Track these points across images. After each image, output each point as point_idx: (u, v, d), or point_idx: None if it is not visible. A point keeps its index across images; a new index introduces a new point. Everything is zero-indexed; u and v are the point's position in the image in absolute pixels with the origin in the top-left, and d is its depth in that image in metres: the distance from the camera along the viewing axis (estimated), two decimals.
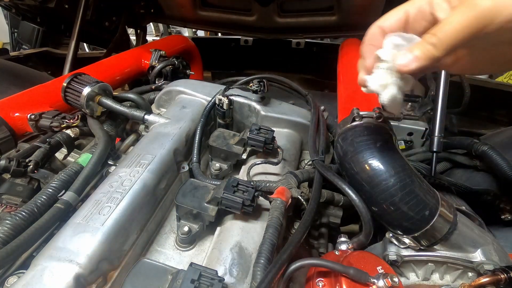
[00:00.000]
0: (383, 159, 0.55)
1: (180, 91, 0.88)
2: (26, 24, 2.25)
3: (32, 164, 0.67)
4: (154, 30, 4.67)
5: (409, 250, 0.58)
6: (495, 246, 0.58)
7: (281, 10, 1.75)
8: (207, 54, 1.81)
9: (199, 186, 0.60)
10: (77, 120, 0.77)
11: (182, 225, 0.57)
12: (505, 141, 1.14)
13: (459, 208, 0.62)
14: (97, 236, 0.48)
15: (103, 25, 1.87)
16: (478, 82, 1.62)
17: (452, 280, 0.59)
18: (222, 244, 0.54)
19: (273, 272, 0.44)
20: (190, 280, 0.43)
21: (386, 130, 0.61)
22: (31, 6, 1.63)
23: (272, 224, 0.53)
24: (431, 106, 1.28)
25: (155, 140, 0.69)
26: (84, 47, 3.29)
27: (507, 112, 1.58)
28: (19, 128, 0.81)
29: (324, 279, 0.50)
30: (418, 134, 1.29)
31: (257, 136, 0.67)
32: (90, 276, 0.45)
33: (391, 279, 0.45)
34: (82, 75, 0.77)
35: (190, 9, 1.83)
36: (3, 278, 0.48)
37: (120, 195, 0.54)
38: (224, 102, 0.76)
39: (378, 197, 0.54)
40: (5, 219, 0.52)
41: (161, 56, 1.28)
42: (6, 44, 3.03)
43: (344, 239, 0.62)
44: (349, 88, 0.88)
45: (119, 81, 1.23)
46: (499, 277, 0.51)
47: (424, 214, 0.53)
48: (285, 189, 0.59)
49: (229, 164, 0.71)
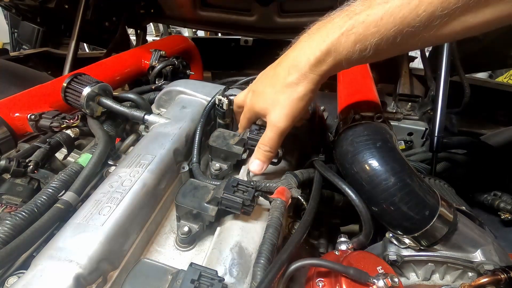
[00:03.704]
0: (383, 159, 0.55)
1: (180, 91, 0.88)
2: (26, 24, 2.25)
3: (32, 164, 0.67)
4: (154, 30, 4.67)
5: (409, 250, 0.58)
6: (495, 246, 0.58)
7: (281, 10, 1.75)
8: (207, 54, 1.81)
9: (199, 186, 0.60)
10: (77, 120, 0.77)
11: (182, 225, 0.57)
12: (505, 141, 1.14)
13: (459, 208, 0.62)
14: (97, 236, 0.48)
15: (103, 25, 1.86)
16: (478, 82, 1.63)
17: (452, 280, 0.59)
18: (222, 244, 0.54)
19: (273, 272, 0.44)
20: (190, 280, 0.43)
21: (386, 130, 0.61)
22: (31, 6, 1.63)
23: (272, 224, 0.53)
24: (431, 106, 1.29)
25: (155, 140, 0.69)
26: (84, 47, 3.29)
27: (507, 112, 1.58)
28: (19, 128, 0.81)
29: (324, 279, 0.50)
30: (418, 134, 1.29)
31: (257, 136, 0.67)
32: (90, 276, 0.45)
33: (391, 279, 0.45)
34: (82, 75, 0.77)
35: (190, 9, 1.83)
36: (3, 278, 0.48)
37: (120, 195, 0.54)
38: (224, 102, 0.76)
39: (378, 197, 0.54)
40: (5, 219, 0.52)
41: (161, 56, 1.28)
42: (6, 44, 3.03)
43: (344, 239, 0.62)
44: (349, 88, 0.88)
45: (119, 81, 1.22)
46: (499, 277, 0.51)
47: (424, 214, 0.53)
48: (285, 189, 0.59)
49: (229, 164, 0.71)
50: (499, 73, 3.37)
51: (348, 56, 0.50)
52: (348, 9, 0.50)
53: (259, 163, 0.61)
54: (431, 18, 0.44)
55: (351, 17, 0.49)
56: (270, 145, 0.60)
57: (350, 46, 0.49)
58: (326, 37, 0.50)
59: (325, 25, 0.52)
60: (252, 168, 0.62)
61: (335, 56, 0.51)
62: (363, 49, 0.49)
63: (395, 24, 0.45)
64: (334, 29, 0.50)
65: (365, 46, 0.48)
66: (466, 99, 1.37)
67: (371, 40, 0.47)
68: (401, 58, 1.66)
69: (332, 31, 0.50)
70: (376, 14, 0.46)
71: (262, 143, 0.60)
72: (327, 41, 0.50)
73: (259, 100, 0.60)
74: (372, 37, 0.47)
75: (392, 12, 0.45)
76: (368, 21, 0.47)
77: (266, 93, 0.58)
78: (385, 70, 1.75)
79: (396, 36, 0.46)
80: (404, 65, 1.64)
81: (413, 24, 0.45)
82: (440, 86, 1.10)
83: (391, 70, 1.71)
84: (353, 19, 0.48)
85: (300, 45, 0.55)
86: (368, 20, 0.47)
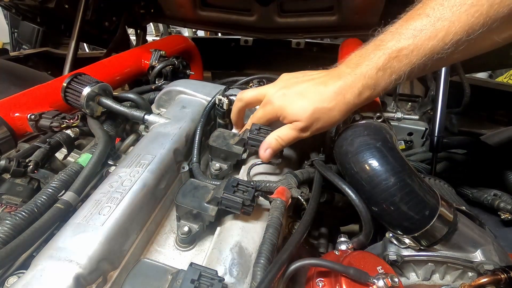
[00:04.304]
0: (383, 159, 0.55)
1: (180, 91, 0.88)
2: (26, 24, 2.25)
3: (32, 164, 0.67)
4: (154, 30, 4.67)
5: (409, 250, 0.58)
6: (495, 246, 0.58)
7: (281, 10, 1.75)
8: (207, 54, 1.81)
9: (199, 186, 0.60)
10: (77, 120, 0.77)
11: (182, 225, 0.57)
12: (505, 141, 1.14)
13: (459, 208, 0.62)
14: (97, 236, 0.48)
15: (103, 25, 1.86)
16: (478, 82, 1.62)
17: (452, 280, 0.59)
18: (222, 244, 0.54)
19: (273, 272, 0.44)
20: (190, 280, 0.43)
21: (386, 130, 0.61)
22: (31, 6, 1.63)
23: (272, 224, 0.53)
24: (431, 106, 1.29)
25: (155, 140, 0.69)
26: (84, 47, 3.29)
27: (507, 112, 1.58)
28: (19, 128, 0.81)
29: (324, 279, 0.50)
30: (418, 134, 1.29)
31: (257, 136, 0.67)
32: (90, 276, 0.45)
33: (391, 279, 0.45)
34: (82, 75, 0.77)
35: (190, 9, 1.83)
36: (3, 278, 0.48)
37: (120, 195, 0.54)
38: (224, 102, 0.76)
39: (378, 197, 0.54)
40: (5, 219, 0.52)
41: (161, 56, 1.28)
42: (6, 44, 3.03)
43: (344, 239, 0.61)
44: None
45: (119, 81, 1.23)
46: (499, 277, 0.51)
47: (424, 214, 0.53)
48: (285, 189, 0.59)
49: (229, 164, 0.71)
50: (499, 73, 3.36)
51: (385, 86, 0.56)
52: (380, 44, 0.55)
53: (271, 151, 0.64)
54: (458, 43, 0.49)
55: (383, 50, 0.54)
56: (287, 141, 0.63)
57: (387, 78, 0.55)
58: (366, 73, 0.55)
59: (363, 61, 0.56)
60: (264, 154, 0.64)
61: (374, 87, 0.56)
62: (397, 79, 0.54)
63: (425, 55, 0.51)
64: (372, 65, 0.55)
65: (399, 75, 0.54)
66: (466, 99, 1.37)
67: (404, 70, 0.53)
68: None
69: (369, 67, 0.55)
70: (407, 49, 0.51)
71: (281, 137, 0.63)
72: (366, 77, 0.55)
73: (293, 106, 0.60)
74: (405, 68, 0.53)
75: (422, 45, 0.50)
76: (401, 56, 0.52)
77: (302, 103, 0.59)
78: None
79: (427, 64, 0.52)
80: None
81: (441, 52, 0.50)
82: (440, 86, 1.10)
83: None
84: (386, 53, 0.53)
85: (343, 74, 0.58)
86: (400, 55, 0.52)
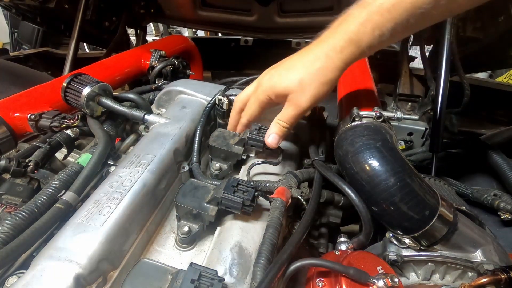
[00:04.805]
0: (383, 159, 0.55)
1: (180, 91, 0.88)
2: (26, 24, 2.25)
3: (32, 164, 0.67)
4: (154, 30, 4.67)
5: (409, 250, 0.58)
6: (495, 246, 0.58)
7: (281, 10, 1.75)
8: (207, 54, 1.81)
9: (199, 186, 0.60)
10: (77, 120, 0.77)
11: (182, 225, 0.57)
12: (505, 141, 1.14)
13: (459, 208, 0.62)
14: (97, 236, 0.48)
15: (103, 25, 1.86)
16: (478, 82, 1.62)
17: (452, 280, 0.59)
18: (222, 244, 0.54)
19: (273, 272, 0.44)
20: (190, 280, 0.43)
21: (386, 130, 0.61)
22: (31, 6, 1.63)
23: (272, 224, 0.53)
24: (431, 106, 1.29)
25: (155, 140, 0.69)
26: (84, 47, 3.29)
27: (507, 112, 1.58)
28: (19, 128, 0.80)
29: (324, 279, 0.50)
30: (418, 134, 1.29)
31: (257, 136, 0.67)
32: (90, 276, 0.45)
33: (391, 279, 0.45)
34: (82, 75, 0.77)
35: (190, 9, 1.83)
36: (3, 278, 0.48)
37: (120, 195, 0.54)
38: (224, 102, 0.76)
39: (378, 197, 0.54)
40: (5, 219, 0.52)
41: (161, 56, 1.28)
42: (6, 44, 3.03)
43: (344, 239, 0.61)
44: (349, 88, 0.89)
45: (119, 81, 1.22)
46: (499, 277, 0.51)
47: (424, 214, 0.53)
48: (285, 189, 0.59)
49: (229, 164, 0.71)
50: (499, 73, 3.37)
51: (369, 43, 0.56)
52: (362, 3, 0.56)
53: (276, 136, 0.64)
54: None
55: (365, 7, 0.55)
56: (289, 122, 0.63)
57: (369, 34, 0.55)
58: (347, 28, 0.57)
59: (345, 19, 0.58)
60: (270, 141, 0.65)
61: (358, 43, 0.56)
62: (381, 35, 0.55)
63: (406, 9, 0.52)
64: (353, 21, 0.56)
65: (382, 31, 0.55)
66: (466, 99, 1.36)
67: (387, 26, 0.54)
68: (401, 58, 1.66)
69: (351, 22, 0.56)
70: (389, 3, 0.53)
71: (281, 119, 0.63)
72: (348, 32, 0.56)
73: (282, 80, 0.61)
74: (388, 24, 0.54)
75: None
76: (382, 10, 0.53)
77: (290, 75, 0.60)
78: (385, 70, 1.75)
79: (409, 19, 0.53)
80: (404, 65, 1.64)
81: (422, 6, 0.51)
82: (440, 86, 1.10)
83: (391, 70, 1.71)
84: (367, 8, 0.55)
85: (325, 38, 0.60)
86: (381, 9, 0.53)
